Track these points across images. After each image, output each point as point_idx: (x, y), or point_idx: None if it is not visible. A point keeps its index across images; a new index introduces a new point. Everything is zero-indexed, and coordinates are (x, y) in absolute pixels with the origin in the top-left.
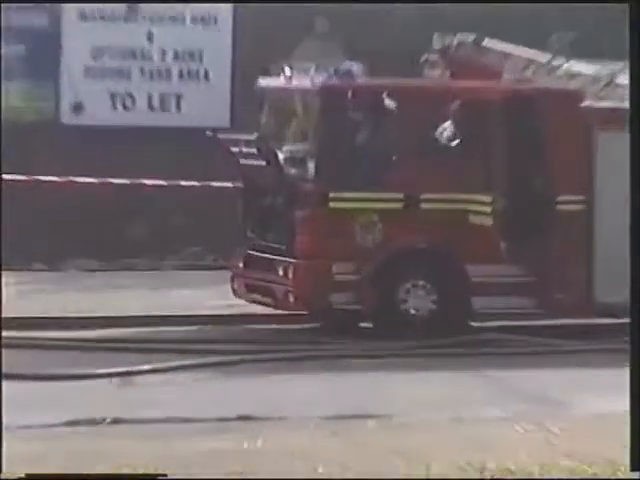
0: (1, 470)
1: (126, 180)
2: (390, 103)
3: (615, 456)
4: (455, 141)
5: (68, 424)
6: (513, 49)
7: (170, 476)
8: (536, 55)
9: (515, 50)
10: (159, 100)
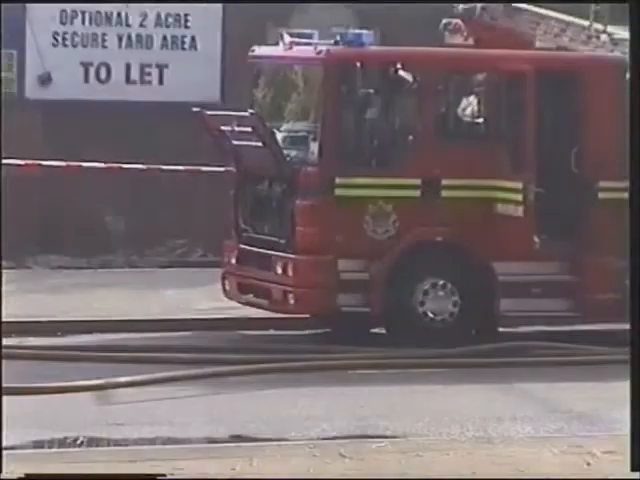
0: (1, 470)
1: (100, 163)
2: (405, 75)
3: None
4: (480, 119)
5: (39, 445)
6: (546, 13)
7: (169, 476)
8: (572, 20)
9: (549, 14)
10: (138, 71)
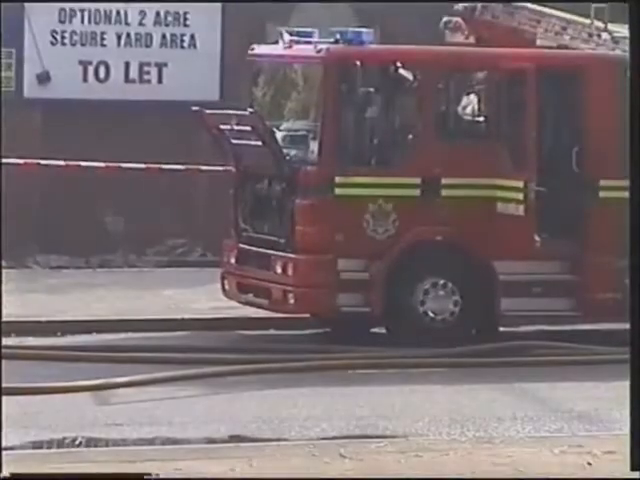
0: (1, 470)
1: (99, 163)
2: (405, 73)
3: None
4: (481, 117)
5: (37, 445)
6: (547, 11)
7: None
8: (573, 18)
9: (550, 12)
10: (138, 70)
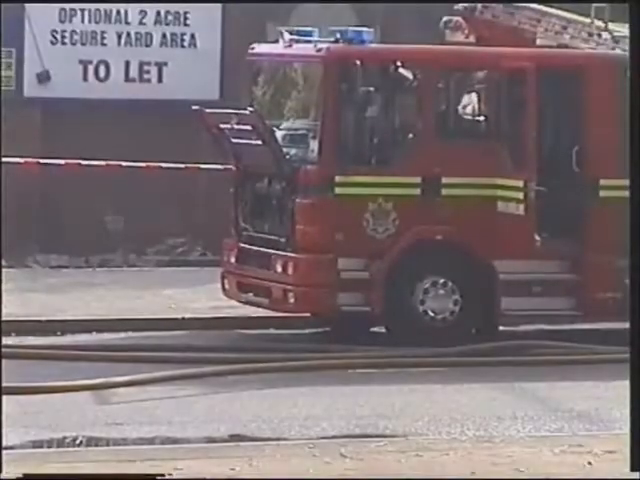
0: (1, 470)
1: (99, 162)
2: (405, 73)
3: None
4: (481, 116)
5: (38, 445)
6: (547, 10)
7: (168, 476)
8: (573, 17)
9: (550, 12)
10: (138, 69)
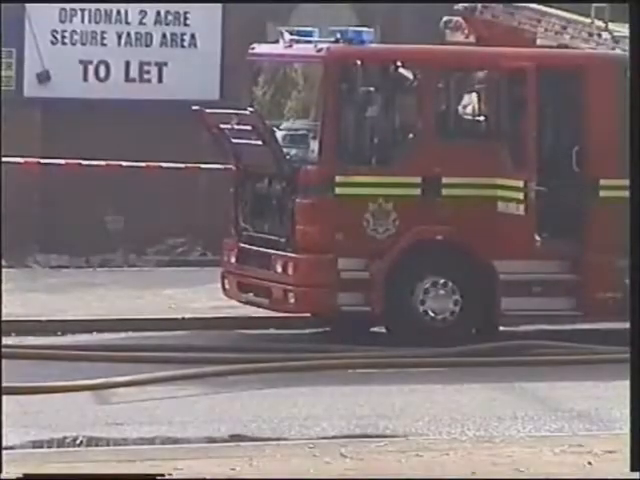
0: (1, 470)
1: (99, 162)
2: (406, 73)
3: None
4: (481, 117)
5: (38, 445)
6: (548, 10)
7: (168, 477)
8: (574, 17)
9: (550, 12)
10: (138, 69)
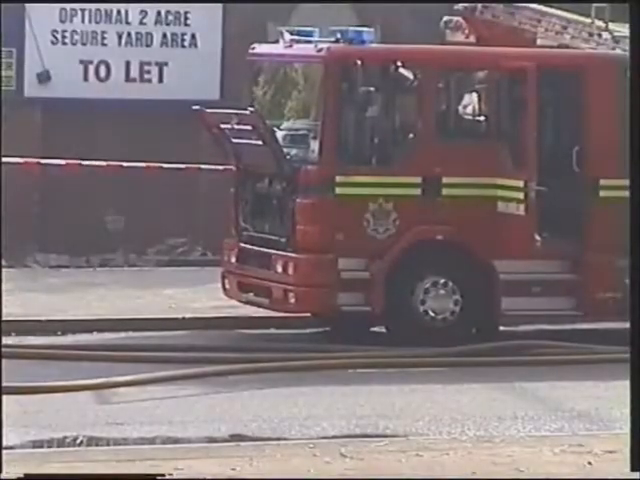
0: (1, 470)
1: (99, 162)
2: (406, 73)
3: None
4: (481, 116)
5: (38, 444)
6: (548, 10)
7: (168, 476)
8: (574, 17)
9: (550, 12)
10: (138, 69)
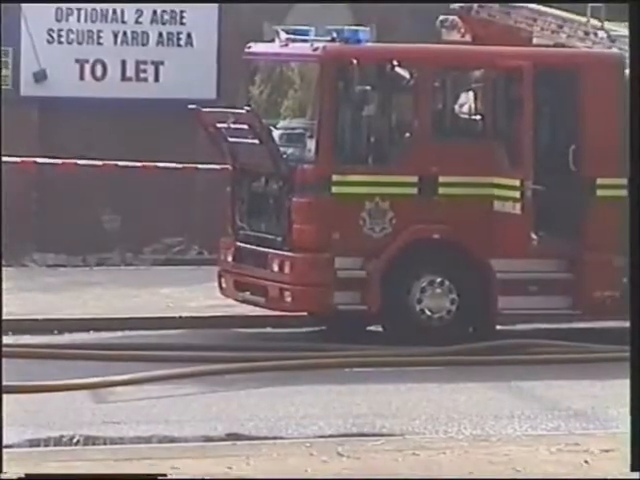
0: (1, 470)
1: (96, 161)
2: (402, 72)
3: None
4: (477, 115)
5: (35, 444)
6: (544, 9)
7: (168, 476)
8: (570, 16)
9: (546, 11)
10: (134, 68)
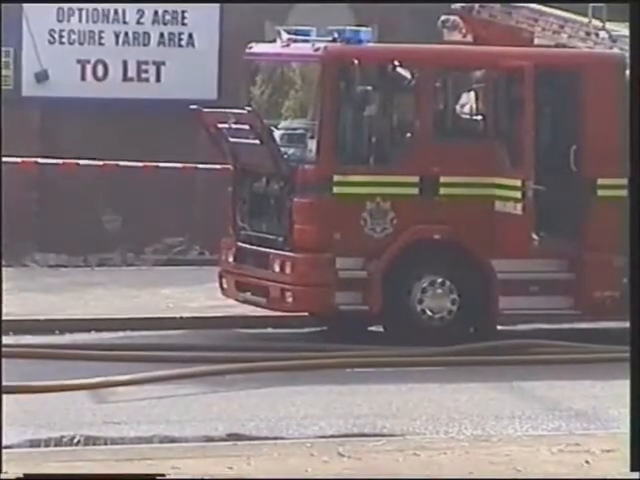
0: (1, 470)
1: (97, 161)
2: (403, 72)
3: None
4: (478, 116)
5: (35, 444)
6: (545, 10)
7: (168, 476)
8: (571, 17)
9: (547, 11)
10: (135, 68)
